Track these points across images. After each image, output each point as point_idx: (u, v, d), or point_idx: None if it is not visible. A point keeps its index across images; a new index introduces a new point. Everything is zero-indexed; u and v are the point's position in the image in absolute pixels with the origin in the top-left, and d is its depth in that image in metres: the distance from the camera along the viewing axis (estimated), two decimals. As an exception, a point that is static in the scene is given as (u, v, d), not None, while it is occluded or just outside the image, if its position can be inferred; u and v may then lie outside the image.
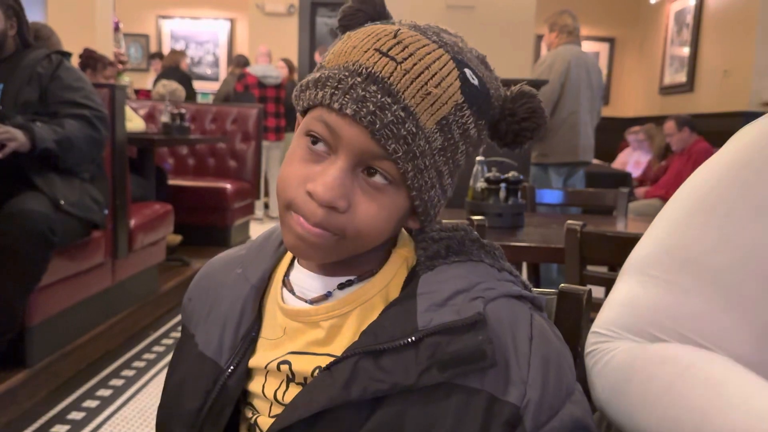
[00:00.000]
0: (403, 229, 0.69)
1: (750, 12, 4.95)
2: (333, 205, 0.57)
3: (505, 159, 2.15)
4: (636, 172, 5.48)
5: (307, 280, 0.67)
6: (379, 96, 0.56)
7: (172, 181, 4.09)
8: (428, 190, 0.60)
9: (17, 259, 2.07)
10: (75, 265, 2.45)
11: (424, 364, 0.57)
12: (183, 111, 4.03)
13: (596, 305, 1.58)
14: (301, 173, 0.59)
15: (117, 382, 2.52)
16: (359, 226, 0.59)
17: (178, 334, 3.07)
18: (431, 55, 0.58)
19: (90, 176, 2.42)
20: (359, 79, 0.57)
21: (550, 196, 2.60)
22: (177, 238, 3.81)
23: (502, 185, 1.96)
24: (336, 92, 0.57)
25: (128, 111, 3.55)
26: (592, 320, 0.73)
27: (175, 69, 6.15)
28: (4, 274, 2.07)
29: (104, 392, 2.42)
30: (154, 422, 2.44)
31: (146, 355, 2.80)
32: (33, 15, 2.65)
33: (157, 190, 3.54)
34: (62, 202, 2.20)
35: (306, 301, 0.66)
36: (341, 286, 0.65)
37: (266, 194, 6.13)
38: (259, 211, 5.83)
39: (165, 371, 2.77)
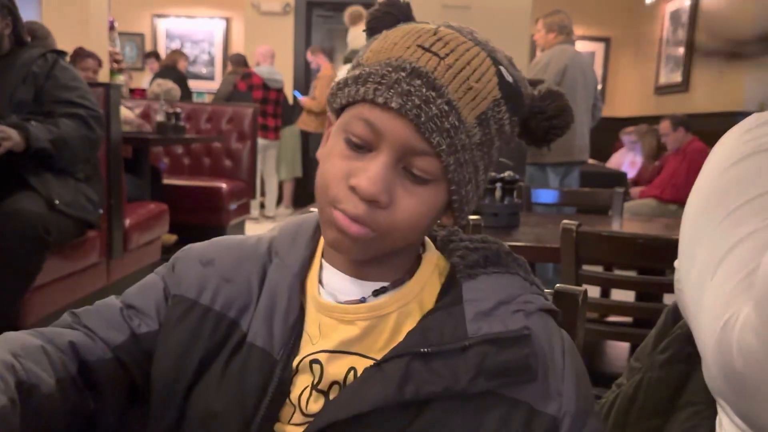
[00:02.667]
0: (428, 238, 0.70)
1: (745, 13, 4.96)
2: (376, 198, 0.57)
3: (501, 159, 2.15)
4: (631, 173, 5.49)
5: (339, 283, 0.67)
6: (424, 90, 0.57)
7: (167, 181, 4.08)
8: (466, 184, 0.61)
9: (12, 259, 2.07)
10: (70, 265, 2.44)
11: (472, 371, 0.58)
12: (178, 110, 4.02)
13: (592, 305, 1.59)
14: (343, 169, 0.59)
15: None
16: (398, 220, 0.59)
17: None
18: (470, 52, 0.60)
19: (85, 176, 2.42)
20: (403, 74, 0.57)
21: (546, 195, 2.60)
22: (172, 238, 3.80)
23: (498, 185, 1.96)
24: (380, 87, 0.57)
25: (125, 112, 3.54)
26: (588, 320, 0.73)
27: (171, 68, 6.13)
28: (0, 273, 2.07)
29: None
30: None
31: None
32: (27, 14, 2.63)
33: (152, 189, 3.53)
34: (57, 202, 2.19)
35: (339, 302, 0.66)
36: (376, 293, 0.65)
37: (262, 194, 6.12)
38: (254, 211, 5.82)
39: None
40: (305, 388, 0.63)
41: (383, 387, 0.58)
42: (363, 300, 0.65)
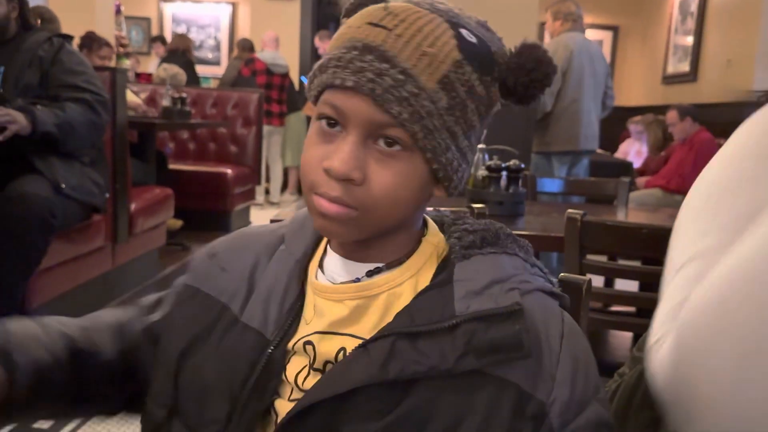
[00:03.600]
0: (432, 222, 0.70)
1: (754, 2, 4.91)
2: (348, 177, 0.58)
3: (507, 147, 2.14)
4: (637, 162, 5.47)
5: (337, 265, 0.67)
6: (377, 63, 0.58)
7: (172, 166, 4.08)
8: (443, 152, 0.61)
9: (17, 242, 2.08)
10: (75, 249, 2.46)
11: (460, 349, 0.58)
12: (184, 95, 4.01)
13: (596, 295, 1.59)
14: (318, 155, 0.60)
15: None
16: (377, 195, 0.59)
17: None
18: (423, 19, 0.60)
19: (90, 160, 2.42)
20: (356, 53, 0.59)
21: (551, 184, 2.60)
22: (178, 223, 3.82)
23: (504, 173, 1.95)
24: (337, 70, 0.59)
25: (130, 97, 3.54)
26: (592, 309, 0.74)
27: (179, 53, 6.11)
28: (5, 257, 2.08)
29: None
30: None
31: (146, 339, 2.81)
32: (33, -3, 2.63)
33: (157, 174, 3.54)
34: (63, 186, 2.20)
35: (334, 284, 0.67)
36: (370, 273, 0.66)
37: (267, 180, 6.12)
38: (259, 197, 5.83)
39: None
40: (303, 368, 0.65)
41: (367, 367, 0.59)
42: (357, 280, 0.66)
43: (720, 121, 4.27)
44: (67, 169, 2.26)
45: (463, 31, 0.61)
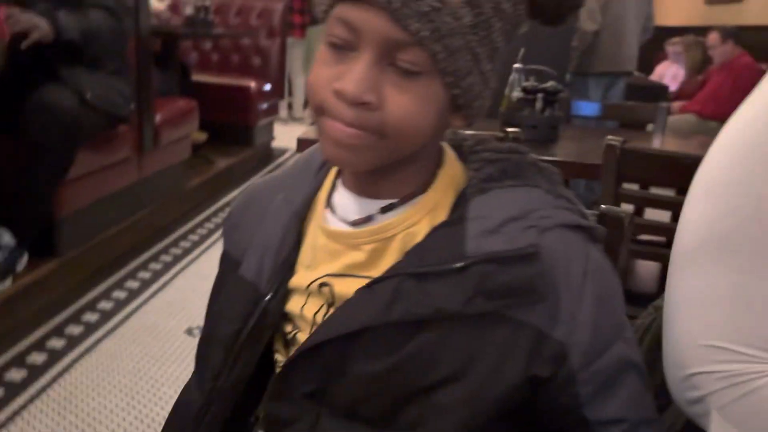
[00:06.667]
0: (450, 151, 0.65)
1: None
2: (362, 100, 0.53)
3: (544, 68, 2.05)
4: (673, 86, 5.28)
5: (348, 203, 0.64)
6: None
7: (195, 77, 4.01)
8: (465, 76, 0.55)
9: (44, 151, 2.07)
10: (101, 159, 2.46)
11: (470, 292, 0.55)
12: (207, 3, 3.89)
13: (636, 226, 1.55)
14: (328, 74, 0.55)
15: (144, 274, 2.58)
16: (395, 120, 0.54)
17: (203, 231, 3.10)
18: None
19: (114, 69, 2.38)
20: None
21: (587, 108, 2.51)
22: (202, 136, 3.79)
23: (540, 96, 1.88)
24: None
25: (154, 4, 3.44)
26: (634, 240, 0.69)
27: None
28: (33, 166, 2.08)
29: (132, 284, 2.49)
30: (180, 314, 2.48)
31: (172, 250, 2.85)
32: None
33: (180, 85, 3.48)
34: (88, 95, 2.17)
35: (347, 224, 0.64)
36: (384, 210, 0.62)
37: (289, 94, 6.02)
38: (282, 111, 5.76)
39: (190, 267, 2.73)
40: (321, 307, 0.64)
41: (372, 307, 0.58)
42: (371, 218, 0.62)
43: (765, 45, 4.06)
44: (91, 78, 2.22)
45: None
